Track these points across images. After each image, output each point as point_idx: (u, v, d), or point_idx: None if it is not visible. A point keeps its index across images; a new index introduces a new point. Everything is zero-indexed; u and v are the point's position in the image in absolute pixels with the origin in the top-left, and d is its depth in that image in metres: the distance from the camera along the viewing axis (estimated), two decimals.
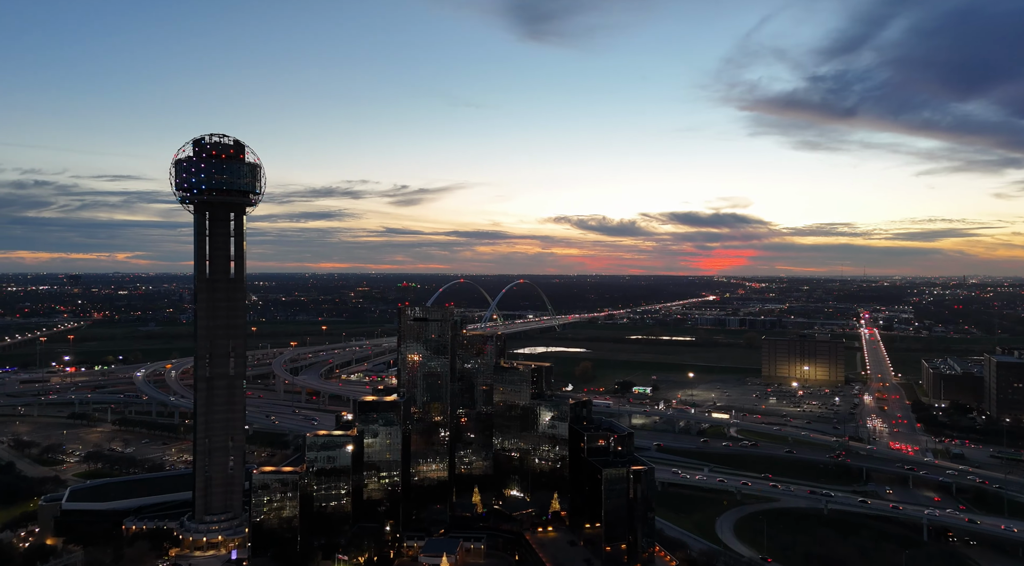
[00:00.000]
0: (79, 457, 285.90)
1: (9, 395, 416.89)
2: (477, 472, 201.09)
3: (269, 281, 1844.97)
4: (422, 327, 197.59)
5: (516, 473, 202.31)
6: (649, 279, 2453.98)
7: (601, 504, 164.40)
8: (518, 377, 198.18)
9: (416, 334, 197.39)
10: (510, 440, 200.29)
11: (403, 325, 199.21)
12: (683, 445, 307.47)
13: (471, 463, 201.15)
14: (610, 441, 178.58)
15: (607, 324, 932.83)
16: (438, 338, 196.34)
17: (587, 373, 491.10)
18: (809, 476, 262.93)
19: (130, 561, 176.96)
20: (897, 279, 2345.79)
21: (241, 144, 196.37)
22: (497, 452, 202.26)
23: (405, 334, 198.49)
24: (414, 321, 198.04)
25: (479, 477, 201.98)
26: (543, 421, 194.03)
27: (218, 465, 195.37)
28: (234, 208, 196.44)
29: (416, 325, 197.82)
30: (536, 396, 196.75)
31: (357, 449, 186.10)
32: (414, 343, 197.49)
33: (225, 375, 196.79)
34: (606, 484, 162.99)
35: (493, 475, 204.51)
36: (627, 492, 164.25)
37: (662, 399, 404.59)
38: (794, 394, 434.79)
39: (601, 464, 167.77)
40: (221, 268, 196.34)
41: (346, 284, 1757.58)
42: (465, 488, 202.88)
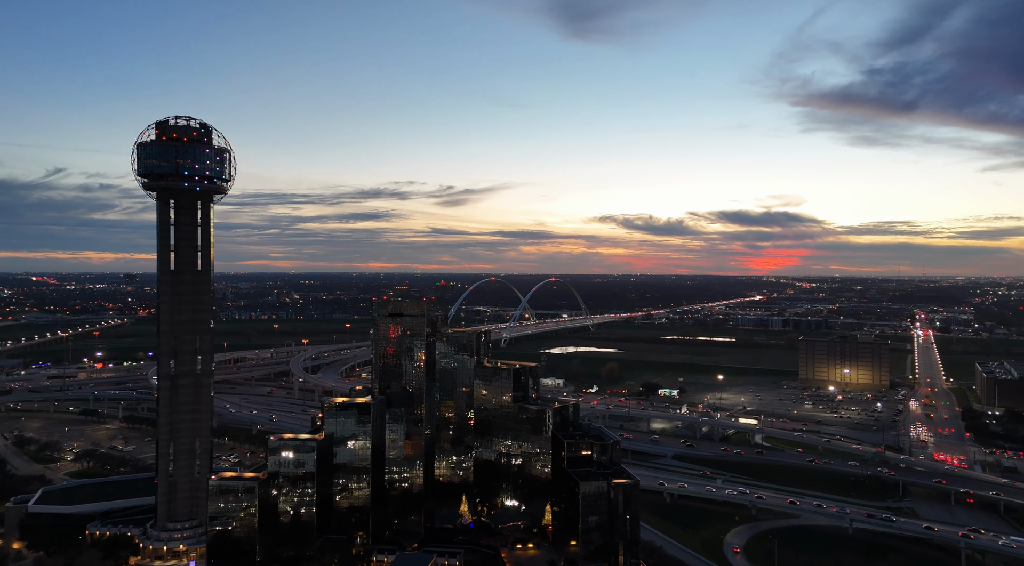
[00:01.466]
0: (75, 455, 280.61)
1: (32, 390, 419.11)
2: (457, 480, 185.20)
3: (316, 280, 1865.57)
4: (396, 323, 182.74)
5: (509, 481, 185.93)
6: (695, 279, 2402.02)
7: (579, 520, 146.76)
8: (499, 378, 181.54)
9: (388, 331, 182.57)
10: (492, 446, 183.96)
11: (377, 321, 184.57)
12: (702, 452, 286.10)
13: (451, 470, 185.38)
14: (594, 450, 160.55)
15: (644, 324, 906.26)
16: (413, 335, 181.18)
17: (613, 374, 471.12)
18: (838, 489, 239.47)
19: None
20: (959, 279, 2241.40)
21: (208, 127, 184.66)
22: (481, 458, 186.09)
23: (379, 331, 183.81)
24: (389, 316, 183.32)
25: (461, 485, 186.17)
26: (524, 426, 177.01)
27: (183, 469, 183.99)
28: (200, 195, 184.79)
29: (391, 321, 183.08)
30: (518, 398, 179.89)
31: (325, 454, 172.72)
32: (388, 340, 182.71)
33: (191, 373, 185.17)
34: (584, 499, 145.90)
35: (481, 483, 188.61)
36: (608, 508, 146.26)
37: (688, 402, 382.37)
38: (832, 399, 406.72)
39: (580, 476, 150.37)
40: (187, 260, 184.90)
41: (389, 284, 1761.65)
42: (448, 497, 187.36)
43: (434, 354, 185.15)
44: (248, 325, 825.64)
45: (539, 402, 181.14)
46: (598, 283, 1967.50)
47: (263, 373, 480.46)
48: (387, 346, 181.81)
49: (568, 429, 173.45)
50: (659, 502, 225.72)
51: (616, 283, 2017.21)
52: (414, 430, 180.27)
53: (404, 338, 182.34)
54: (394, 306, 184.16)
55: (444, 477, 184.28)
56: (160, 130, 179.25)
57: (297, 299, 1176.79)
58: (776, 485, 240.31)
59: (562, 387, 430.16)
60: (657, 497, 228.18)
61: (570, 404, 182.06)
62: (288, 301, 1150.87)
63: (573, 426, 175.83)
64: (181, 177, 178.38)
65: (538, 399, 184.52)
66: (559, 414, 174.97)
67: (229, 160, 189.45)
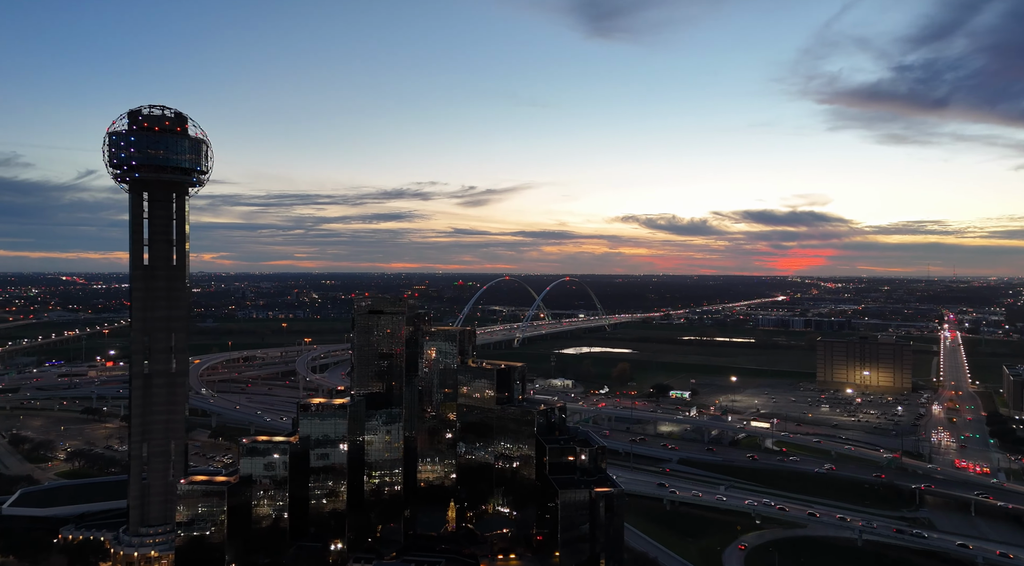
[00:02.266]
0: (67, 455, 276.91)
1: (38, 388, 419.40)
2: (440, 484, 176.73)
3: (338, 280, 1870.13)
4: (375, 321, 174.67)
5: (496, 487, 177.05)
6: (718, 279, 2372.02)
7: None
8: (482, 378, 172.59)
9: (368, 329, 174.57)
10: (476, 449, 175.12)
11: (356, 318, 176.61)
12: (709, 457, 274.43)
13: (434, 474, 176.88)
14: (580, 456, 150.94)
15: (661, 324, 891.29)
16: (392, 333, 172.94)
17: (625, 375, 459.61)
18: (850, 498, 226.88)
19: None
20: (991, 280, 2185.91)
21: (183, 116, 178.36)
22: (465, 463, 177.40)
23: (358, 329, 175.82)
24: (368, 314, 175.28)
25: (445, 490, 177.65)
26: (508, 429, 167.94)
27: (157, 472, 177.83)
28: (175, 187, 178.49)
29: (369, 318, 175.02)
30: (502, 400, 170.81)
31: (300, 457, 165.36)
32: (367, 338, 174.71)
33: (165, 372, 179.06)
34: (563, 508, 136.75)
35: (466, 488, 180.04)
36: (591, 518, 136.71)
37: (699, 405, 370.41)
38: (850, 402, 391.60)
39: (561, 484, 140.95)
40: (162, 255, 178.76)
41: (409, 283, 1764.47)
42: (432, 503, 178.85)
43: (416, 353, 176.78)
44: (264, 324, 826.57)
45: (525, 404, 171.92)
46: (619, 283, 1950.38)
47: (269, 372, 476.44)
48: (366, 345, 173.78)
49: (555, 433, 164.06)
50: (658, 509, 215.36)
51: (637, 283, 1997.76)
52: (394, 432, 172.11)
53: (384, 337, 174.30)
54: (374, 303, 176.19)
55: (426, 482, 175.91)
56: (132, 119, 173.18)
57: (316, 299, 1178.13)
58: (784, 492, 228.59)
59: (571, 388, 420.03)
60: (656, 504, 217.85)
61: (556, 406, 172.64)
62: (307, 300, 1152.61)
63: (559, 430, 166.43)
64: (154, 168, 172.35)
65: (524, 400, 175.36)
66: (545, 417, 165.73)
67: (205, 152, 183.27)
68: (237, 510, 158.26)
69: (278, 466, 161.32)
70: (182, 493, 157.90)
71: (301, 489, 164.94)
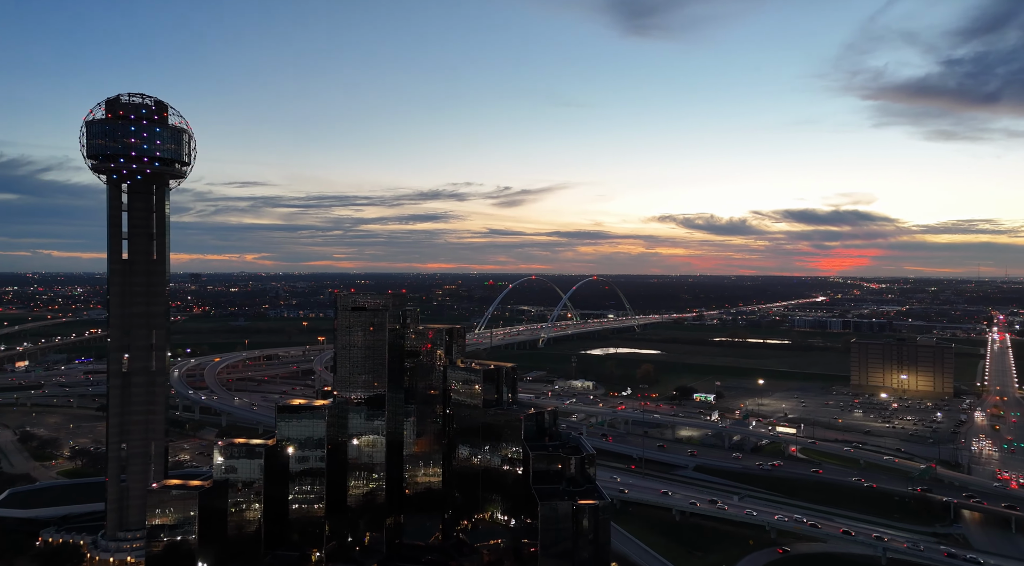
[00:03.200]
0: (71, 453, 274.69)
1: (60, 385, 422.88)
2: (427, 490, 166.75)
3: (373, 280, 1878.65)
4: (359, 318, 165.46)
5: (485, 494, 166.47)
6: (756, 280, 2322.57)
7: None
8: (469, 379, 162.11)
9: (352, 326, 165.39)
10: (463, 455, 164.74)
11: (339, 315, 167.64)
12: (728, 464, 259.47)
13: (420, 480, 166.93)
14: (567, 464, 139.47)
15: (693, 325, 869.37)
16: (376, 331, 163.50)
17: (649, 376, 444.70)
18: (878, 511, 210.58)
19: None
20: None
21: (163, 104, 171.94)
22: (454, 468, 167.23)
23: (340, 326, 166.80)
24: (352, 310, 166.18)
25: (433, 497, 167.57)
26: (494, 434, 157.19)
27: (136, 474, 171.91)
28: (155, 179, 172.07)
29: (353, 315, 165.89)
30: (490, 402, 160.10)
31: (279, 461, 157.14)
32: (350, 336, 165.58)
33: (145, 370, 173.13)
34: (543, 521, 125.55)
35: (455, 495, 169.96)
36: (573, 532, 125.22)
37: (724, 408, 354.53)
38: (885, 407, 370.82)
39: (543, 494, 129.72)
40: (141, 249, 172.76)
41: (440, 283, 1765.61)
42: (420, 510, 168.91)
43: (402, 352, 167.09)
44: (293, 323, 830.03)
45: (514, 407, 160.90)
46: (653, 283, 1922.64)
47: (287, 371, 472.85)
48: (349, 343, 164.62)
49: (544, 438, 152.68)
50: (667, 519, 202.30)
51: (671, 284, 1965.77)
52: (378, 435, 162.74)
53: (367, 334, 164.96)
54: (357, 299, 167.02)
55: (412, 488, 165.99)
56: (110, 108, 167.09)
57: None
58: (806, 504, 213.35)
59: (592, 389, 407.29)
60: (665, 514, 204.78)
61: (546, 410, 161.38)
62: None
63: (550, 435, 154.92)
64: (132, 159, 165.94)
65: (514, 403, 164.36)
66: (534, 421, 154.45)
67: (187, 142, 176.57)
68: (209, 516, 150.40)
69: (253, 470, 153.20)
70: (153, 498, 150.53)
71: (279, 494, 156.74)
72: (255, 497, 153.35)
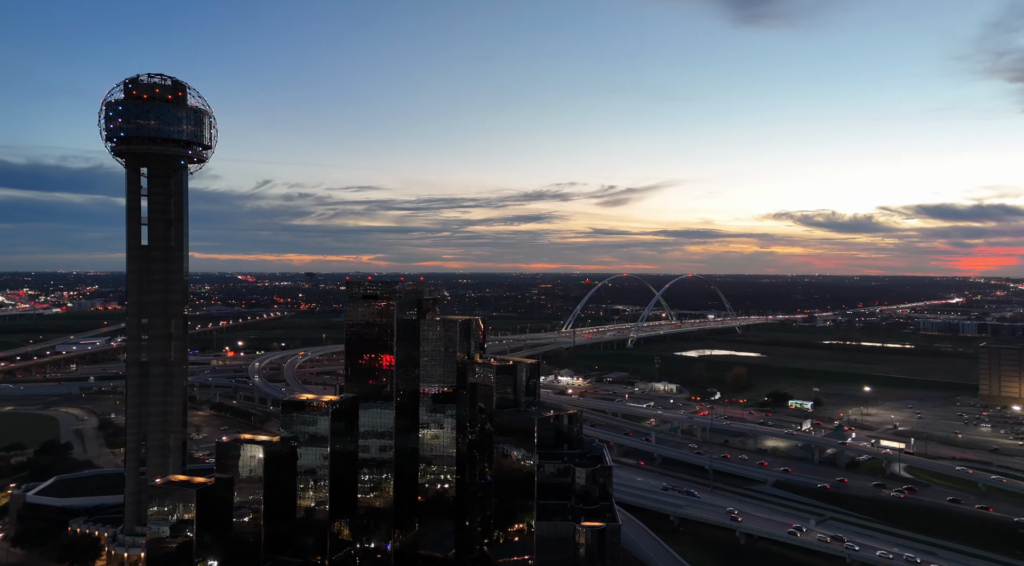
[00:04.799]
0: None
1: None
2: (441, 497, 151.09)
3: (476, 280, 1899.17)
4: (369, 308, 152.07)
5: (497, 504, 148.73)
6: (882, 280, 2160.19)
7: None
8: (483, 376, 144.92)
9: (361, 317, 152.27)
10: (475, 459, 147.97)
11: (348, 306, 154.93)
12: (815, 481, 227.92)
13: (434, 485, 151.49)
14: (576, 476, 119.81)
15: (802, 327, 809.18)
16: (389, 323, 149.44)
17: (741, 380, 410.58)
18: (995, 545, 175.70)
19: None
20: None
21: (181, 84, 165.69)
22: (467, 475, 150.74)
23: (349, 317, 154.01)
24: (362, 299, 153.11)
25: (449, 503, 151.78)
26: (504, 438, 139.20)
27: (154, 467, 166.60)
28: (172, 161, 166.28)
29: (363, 305, 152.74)
30: (504, 403, 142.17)
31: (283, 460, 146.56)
32: (359, 328, 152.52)
33: (163, 361, 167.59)
34: (539, 543, 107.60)
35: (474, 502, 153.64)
36: (576, 558, 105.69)
37: (823, 417, 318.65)
38: (1020, 422, 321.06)
39: (544, 512, 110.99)
40: (159, 235, 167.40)
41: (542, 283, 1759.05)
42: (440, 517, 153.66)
43: (414, 345, 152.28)
44: None
45: (533, 408, 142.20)
46: (765, 284, 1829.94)
47: None
48: (358, 335, 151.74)
49: (563, 446, 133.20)
50: (730, 542, 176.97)
51: (785, 284, 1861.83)
52: (385, 435, 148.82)
53: (379, 326, 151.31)
54: (368, 287, 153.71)
55: (426, 493, 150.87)
56: (128, 89, 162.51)
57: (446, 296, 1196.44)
58: (906, 533, 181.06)
59: (674, 393, 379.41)
60: (728, 535, 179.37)
61: (566, 414, 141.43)
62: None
63: (570, 442, 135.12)
64: (144, 140, 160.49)
65: (533, 404, 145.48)
66: (552, 425, 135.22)
67: (209, 124, 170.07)
68: (207, 516, 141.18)
69: (254, 468, 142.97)
70: (152, 495, 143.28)
71: (282, 496, 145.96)
72: (255, 497, 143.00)
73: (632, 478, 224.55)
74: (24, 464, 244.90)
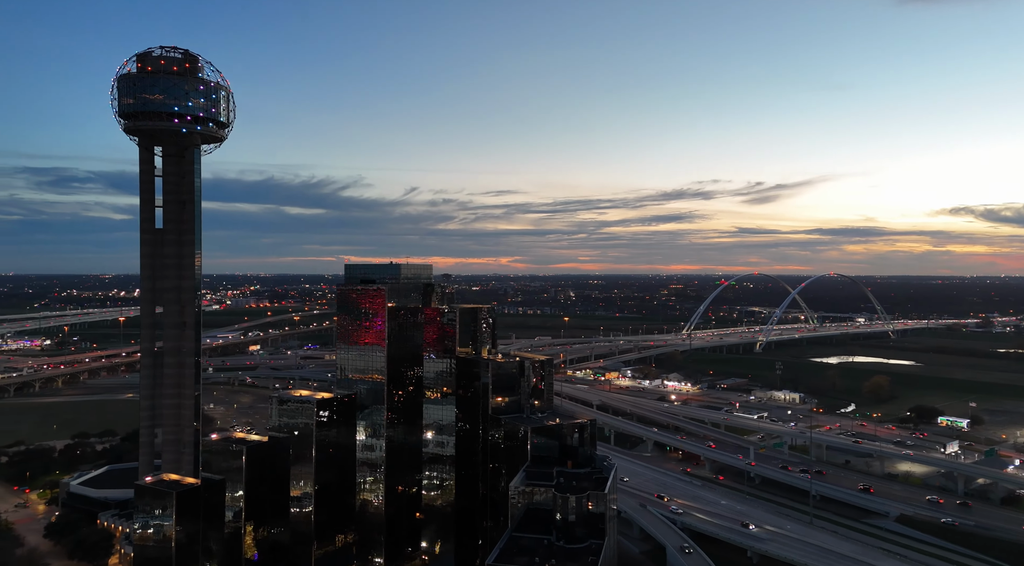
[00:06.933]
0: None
1: (272, 368, 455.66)
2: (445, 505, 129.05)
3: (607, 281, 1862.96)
4: (366, 296, 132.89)
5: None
6: None
7: None
8: (483, 375, 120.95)
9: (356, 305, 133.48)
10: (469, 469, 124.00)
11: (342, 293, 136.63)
12: (954, 517, 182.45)
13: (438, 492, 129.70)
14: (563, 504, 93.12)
15: (975, 333, 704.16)
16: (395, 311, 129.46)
17: (880, 391, 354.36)
18: None
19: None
20: None
21: (192, 55, 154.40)
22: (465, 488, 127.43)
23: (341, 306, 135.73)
24: (361, 282, 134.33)
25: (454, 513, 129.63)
26: (501, 449, 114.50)
27: (169, 463, 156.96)
28: (182, 138, 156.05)
29: (358, 292, 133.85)
30: (511, 407, 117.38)
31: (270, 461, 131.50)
32: (354, 318, 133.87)
33: (176, 350, 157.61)
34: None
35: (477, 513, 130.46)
36: None
37: (978, 439, 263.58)
38: None
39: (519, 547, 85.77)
40: (172, 218, 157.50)
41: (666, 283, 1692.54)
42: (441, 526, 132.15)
43: (417, 335, 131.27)
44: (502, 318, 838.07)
45: (538, 415, 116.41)
46: (937, 286, 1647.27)
47: None
48: (353, 324, 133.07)
49: (566, 462, 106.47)
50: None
51: (960, 286, 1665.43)
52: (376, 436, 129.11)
53: (377, 315, 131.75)
54: (366, 271, 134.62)
55: (430, 499, 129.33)
56: (141, 62, 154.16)
57: (571, 297, 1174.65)
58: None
59: (796, 404, 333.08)
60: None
61: (580, 422, 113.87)
62: (561, 299, 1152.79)
63: (576, 458, 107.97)
64: (150, 115, 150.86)
65: (542, 411, 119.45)
66: (555, 437, 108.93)
67: (225, 99, 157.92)
68: (187, 519, 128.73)
69: (236, 469, 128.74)
70: (137, 495, 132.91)
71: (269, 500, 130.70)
72: (236, 500, 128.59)
73: (716, 500, 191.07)
74: (108, 451, 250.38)
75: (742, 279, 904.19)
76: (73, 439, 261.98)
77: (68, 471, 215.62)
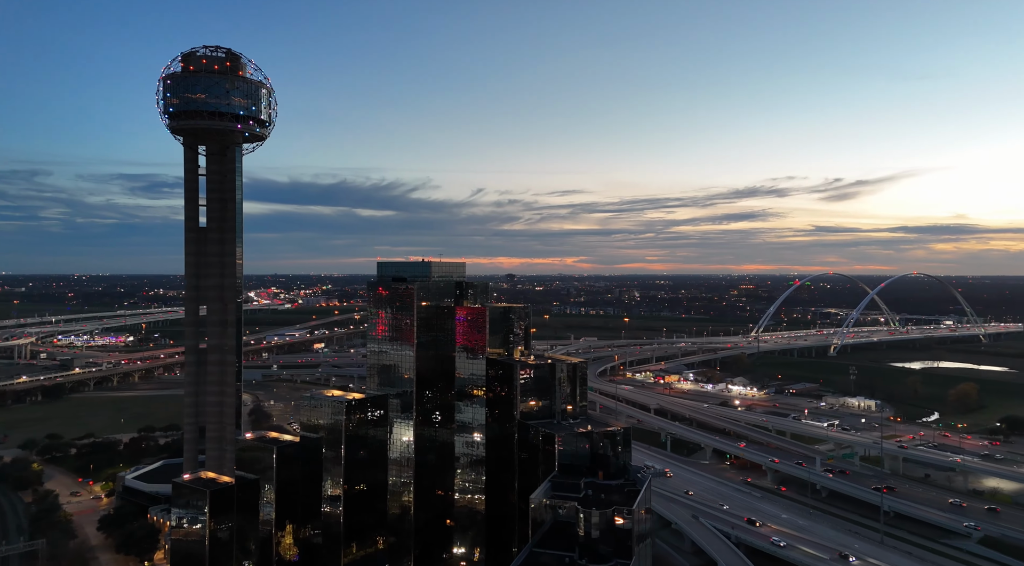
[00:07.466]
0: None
1: (334, 366, 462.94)
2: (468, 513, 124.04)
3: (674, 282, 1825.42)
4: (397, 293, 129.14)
5: None
6: None
7: None
8: (510, 378, 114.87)
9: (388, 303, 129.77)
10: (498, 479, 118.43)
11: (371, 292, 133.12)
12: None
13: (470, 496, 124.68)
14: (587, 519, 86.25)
15: None
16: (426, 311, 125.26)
17: (967, 399, 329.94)
18: None
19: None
20: None
21: (235, 54, 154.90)
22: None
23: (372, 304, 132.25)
24: (393, 280, 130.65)
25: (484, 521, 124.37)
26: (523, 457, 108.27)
27: (213, 461, 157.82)
28: (224, 137, 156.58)
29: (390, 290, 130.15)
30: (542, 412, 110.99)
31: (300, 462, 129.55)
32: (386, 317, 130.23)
33: (219, 348, 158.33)
34: None
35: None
36: None
37: None
38: None
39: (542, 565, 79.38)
40: (215, 216, 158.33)
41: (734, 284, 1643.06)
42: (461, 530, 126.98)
43: (448, 338, 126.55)
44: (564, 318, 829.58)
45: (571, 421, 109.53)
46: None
47: None
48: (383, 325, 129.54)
49: (598, 474, 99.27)
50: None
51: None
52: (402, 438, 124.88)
53: (406, 313, 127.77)
54: (398, 269, 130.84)
55: (461, 505, 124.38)
56: (186, 61, 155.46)
57: (635, 297, 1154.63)
58: None
59: (871, 411, 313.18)
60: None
61: (612, 429, 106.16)
62: (625, 299, 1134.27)
63: (607, 470, 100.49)
64: (192, 114, 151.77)
65: (575, 416, 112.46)
66: (585, 445, 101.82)
67: (266, 97, 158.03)
68: (221, 517, 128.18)
69: (268, 468, 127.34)
70: (175, 493, 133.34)
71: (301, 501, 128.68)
72: (263, 502, 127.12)
73: (776, 514, 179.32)
74: (170, 444, 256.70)
75: (817, 279, 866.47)
76: (139, 432, 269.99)
77: (130, 464, 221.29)
